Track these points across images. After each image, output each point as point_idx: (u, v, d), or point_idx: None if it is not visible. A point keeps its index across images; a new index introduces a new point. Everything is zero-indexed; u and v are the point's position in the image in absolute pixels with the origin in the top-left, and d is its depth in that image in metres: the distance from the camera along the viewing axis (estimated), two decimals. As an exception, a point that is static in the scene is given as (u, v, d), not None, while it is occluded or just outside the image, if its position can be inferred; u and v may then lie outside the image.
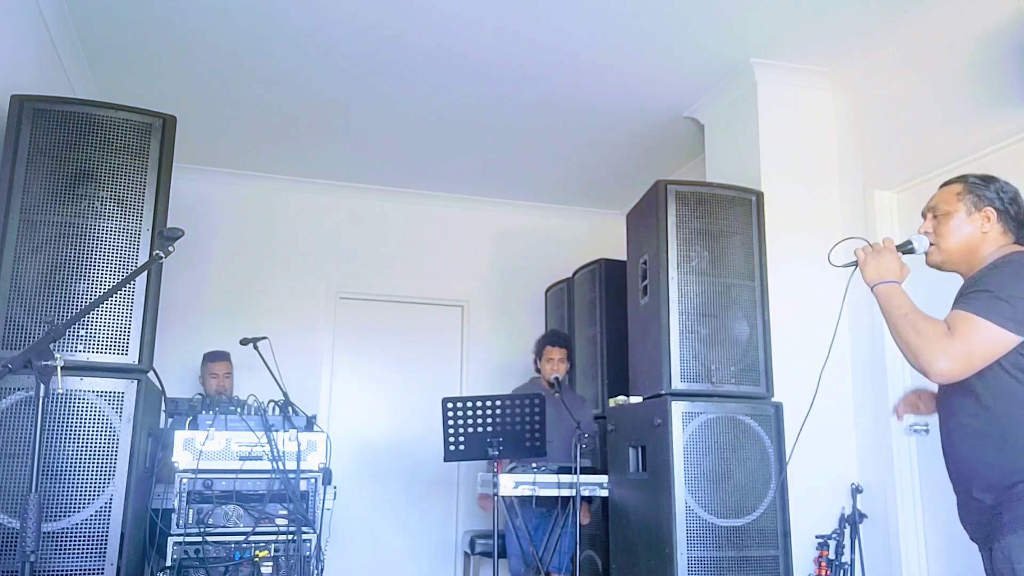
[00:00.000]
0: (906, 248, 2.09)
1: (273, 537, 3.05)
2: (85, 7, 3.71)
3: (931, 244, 2.07)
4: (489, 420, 3.63)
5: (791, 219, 3.97)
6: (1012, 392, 1.82)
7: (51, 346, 2.15)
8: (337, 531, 3.92)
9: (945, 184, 2.09)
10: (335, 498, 3.25)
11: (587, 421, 4.11)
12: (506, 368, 6.06)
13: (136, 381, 2.88)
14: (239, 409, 3.21)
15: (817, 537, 3.69)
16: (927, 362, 1.81)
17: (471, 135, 5.11)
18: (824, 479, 3.77)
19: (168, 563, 2.94)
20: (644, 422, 3.54)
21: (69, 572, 2.66)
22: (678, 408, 3.35)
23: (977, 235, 1.99)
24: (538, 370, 4.50)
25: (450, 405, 3.65)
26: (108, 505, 2.75)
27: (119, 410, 2.83)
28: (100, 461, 2.77)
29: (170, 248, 2.51)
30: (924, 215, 2.11)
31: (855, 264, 2.09)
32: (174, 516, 2.99)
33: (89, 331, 2.87)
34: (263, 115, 4.85)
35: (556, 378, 4.30)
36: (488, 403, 3.64)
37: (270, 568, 3.01)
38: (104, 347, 2.89)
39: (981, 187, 2.01)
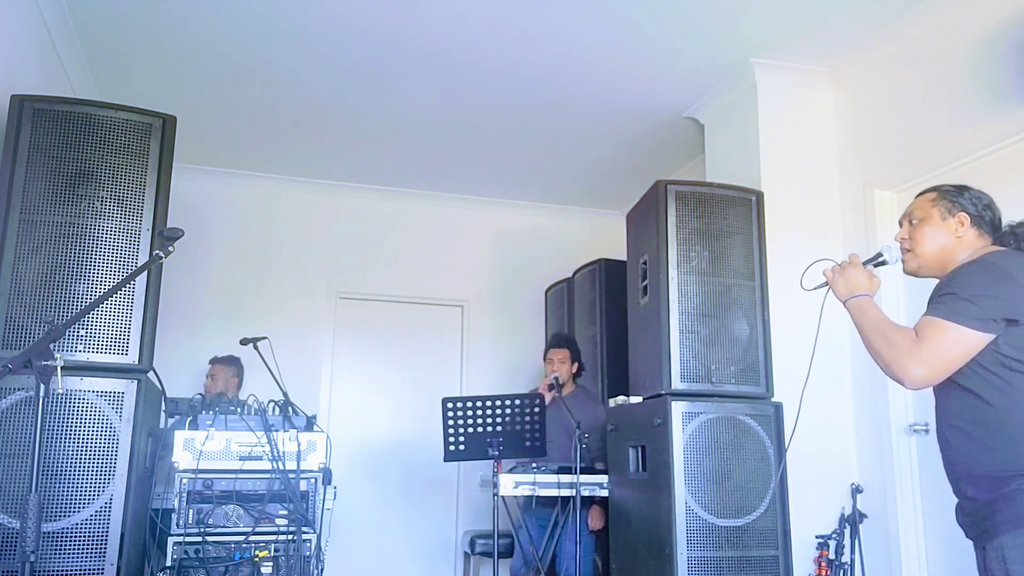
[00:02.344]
0: (878, 261, 2.14)
1: (273, 537, 3.04)
2: (85, 7, 3.71)
3: (906, 251, 2.11)
4: (489, 420, 3.63)
5: (791, 219, 3.97)
6: (996, 387, 1.85)
7: (51, 346, 2.15)
8: (337, 531, 3.92)
9: (920, 193, 2.15)
10: (335, 498, 3.24)
11: (589, 422, 4.10)
12: (506, 368, 6.07)
13: (136, 381, 2.88)
14: (239, 409, 3.21)
15: (817, 537, 3.69)
16: (900, 370, 1.85)
17: (471, 135, 5.11)
18: (824, 479, 3.77)
19: (168, 563, 2.94)
20: (644, 422, 3.54)
21: (69, 572, 2.66)
22: (678, 408, 3.35)
23: (952, 240, 2.03)
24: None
25: (450, 405, 3.65)
26: (108, 505, 2.75)
27: (119, 410, 2.83)
28: (100, 461, 2.77)
29: (170, 248, 2.51)
30: (900, 223, 2.16)
31: (826, 285, 2.13)
32: (174, 516, 2.99)
33: (89, 331, 2.87)
34: (263, 115, 4.85)
35: (556, 378, 4.31)
36: (488, 403, 3.64)
37: (270, 568, 3.01)
38: (104, 347, 2.89)
39: (954, 194, 2.06)
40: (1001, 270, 1.87)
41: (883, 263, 2.14)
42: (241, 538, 3.01)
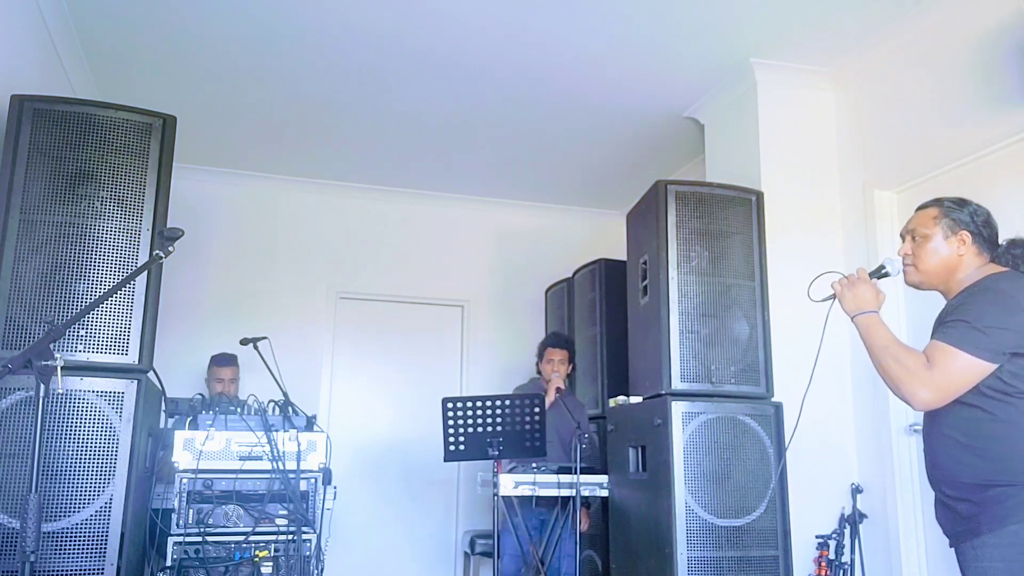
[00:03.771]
0: (881, 273, 2.21)
1: (273, 537, 3.05)
2: (85, 7, 3.70)
3: (907, 265, 2.16)
4: (489, 420, 3.63)
5: (791, 219, 3.97)
6: (999, 405, 1.91)
7: (51, 346, 2.15)
8: (337, 531, 3.92)
9: (921, 207, 2.20)
10: (335, 498, 3.25)
11: (584, 424, 4.11)
12: (506, 368, 6.06)
13: (136, 381, 2.88)
14: (239, 409, 3.21)
15: (817, 537, 3.69)
16: (909, 393, 1.92)
17: (471, 135, 5.11)
18: (824, 479, 3.77)
19: (168, 563, 2.94)
20: (644, 422, 3.54)
21: (69, 572, 2.66)
22: (678, 408, 3.35)
23: (954, 257, 2.09)
24: (540, 372, 4.51)
25: (450, 405, 3.65)
26: (108, 505, 2.75)
27: (119, 410, 2.83)
28: (100, 461, 2.77)
29: (170, 248, 2.51)
30: (903, 237, 2.21)
31: (833, 297, 2.19)
32: (174, 516, 2.99)
33: (89, 331, 2.87)
34: (263, 115, 4.85)
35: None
36: (488, 403, 3.64)
37: (270, 568, 3.01)
38: (104, 347, 2.89)
39: (956, 211, 2.12)
40: (1012, 299, 1.93)
41: (886, 275, 2.20)
42: (241, 538, 3.01)
